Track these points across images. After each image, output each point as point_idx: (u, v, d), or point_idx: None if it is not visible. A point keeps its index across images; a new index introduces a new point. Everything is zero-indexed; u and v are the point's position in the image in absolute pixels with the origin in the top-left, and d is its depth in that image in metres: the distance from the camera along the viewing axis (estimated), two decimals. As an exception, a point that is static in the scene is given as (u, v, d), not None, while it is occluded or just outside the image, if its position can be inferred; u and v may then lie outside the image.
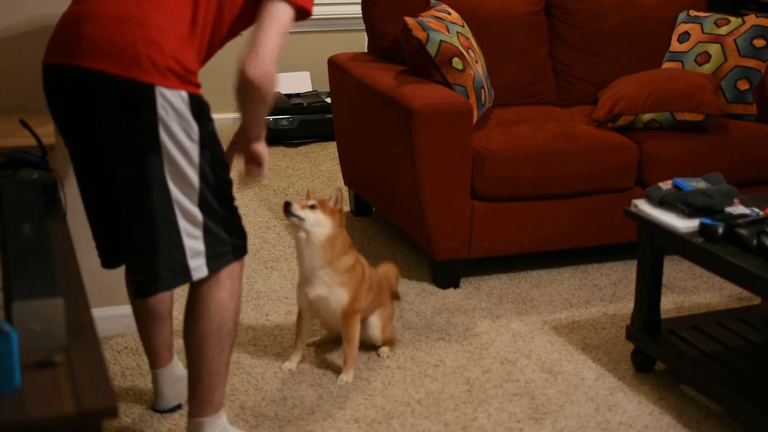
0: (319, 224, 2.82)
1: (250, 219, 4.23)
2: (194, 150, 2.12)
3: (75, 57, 2.08)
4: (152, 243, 2.15)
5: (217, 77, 3.69)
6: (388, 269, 3.28)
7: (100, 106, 2.09)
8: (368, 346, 3.09)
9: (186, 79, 2.09)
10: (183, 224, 2.16)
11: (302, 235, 2.84)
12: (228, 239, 2.25)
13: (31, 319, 1.48)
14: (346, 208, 4.39)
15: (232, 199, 2.26)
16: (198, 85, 2.14)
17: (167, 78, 2.05)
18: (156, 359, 2.64)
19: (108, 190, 2.21)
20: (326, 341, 3.14)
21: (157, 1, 2.10)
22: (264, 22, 2.17)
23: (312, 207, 2.83)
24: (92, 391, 1.41)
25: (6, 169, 2.25)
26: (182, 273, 2.19)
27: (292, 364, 2.98)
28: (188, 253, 2.18)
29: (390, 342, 3.09)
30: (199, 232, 2.18)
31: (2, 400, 1.38)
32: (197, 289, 2.28)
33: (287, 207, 2.80)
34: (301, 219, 2.81)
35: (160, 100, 2.05)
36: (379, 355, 3.06)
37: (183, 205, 2.14)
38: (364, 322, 3.01)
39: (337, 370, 2.96)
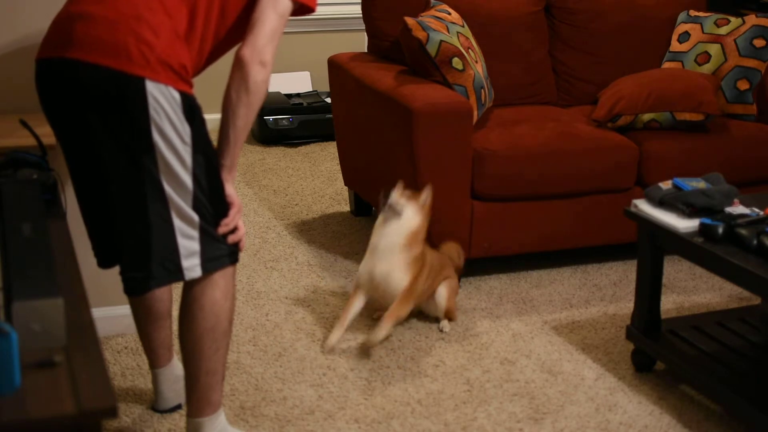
0: (411, 218, 3.10)
1: (250, 219, 4.22)
2: (187, 153, 2.11)
3: (66, 50, 2.08)
4: (146, 240, 2.15)
5: (209, 76, 3.67)
6: (450, 248, 3.45)
7: (92, 101, 2.08)
8: (431, 318, 3.30)
9: (178, 74, 2.09)
10: (178, 223, 2.15)
11: (392, 219, 3.09)
12: (225, 244, 2.25)
13: (31, 319, 1.48)
14: (346, 208, 4.40)
15: (228, 206, 2.25)
16: (191, 84, 2.14)
17: (157, 73, 2.05)
18: (156, 359, 2.64)
19: (102, 189, 2.20)
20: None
21: (151, 3, 2.10)
22: (261, 13, 2.19)
23: (407, 199, 3.11)
24: (92, 391, 1.41)
25: (6, 169, 2.25)
26: (175, 271, 2.19)
27: (333, 339, 3.09)
28: (182, 252, 2.17)
29: (451, 314, 3.27)
30: (195, 233, 2.18)
31: (2, 400, 1.38)
32: (190, 290, 2.27)
33: (387, 196, 3.07)
34: (400, 209, 3.07)
35: (151, 100, 2.04)
36: (440, 330, 3.23)
37: (178, 204, 2.14)
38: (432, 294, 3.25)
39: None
